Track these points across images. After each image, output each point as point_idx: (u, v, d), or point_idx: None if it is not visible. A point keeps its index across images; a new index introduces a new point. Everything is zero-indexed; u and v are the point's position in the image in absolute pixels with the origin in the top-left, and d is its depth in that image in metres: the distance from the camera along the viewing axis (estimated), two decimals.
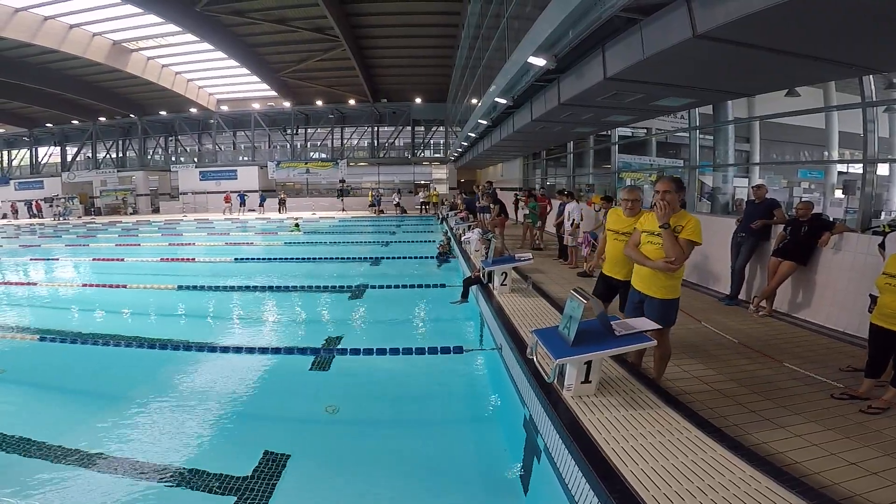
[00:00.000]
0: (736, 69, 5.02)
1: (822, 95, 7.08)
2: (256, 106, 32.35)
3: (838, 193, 8.10)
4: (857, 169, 6.16)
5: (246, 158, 34.37)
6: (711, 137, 8.84)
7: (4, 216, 32.49)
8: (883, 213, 6.47)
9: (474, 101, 13.93)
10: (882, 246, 4.21)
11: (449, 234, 13.97)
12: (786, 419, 3.21)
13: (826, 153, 7.91)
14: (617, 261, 4.20)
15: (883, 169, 6.24)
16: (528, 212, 11.72)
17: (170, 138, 35.15)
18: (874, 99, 5.42)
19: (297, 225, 19.78)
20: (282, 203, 29.35)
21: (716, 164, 8.66)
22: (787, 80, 5.80)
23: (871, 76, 5.32)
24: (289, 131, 33.51)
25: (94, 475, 3.50)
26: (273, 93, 30.22)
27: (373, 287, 9.01)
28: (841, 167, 8.61)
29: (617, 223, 4.25)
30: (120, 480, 3.44)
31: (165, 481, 3.41)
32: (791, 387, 3.73)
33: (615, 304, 4.35)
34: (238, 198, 28.91)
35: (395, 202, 28.94)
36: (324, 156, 34.07)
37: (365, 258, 12.76)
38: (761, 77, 5.23)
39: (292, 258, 12.92)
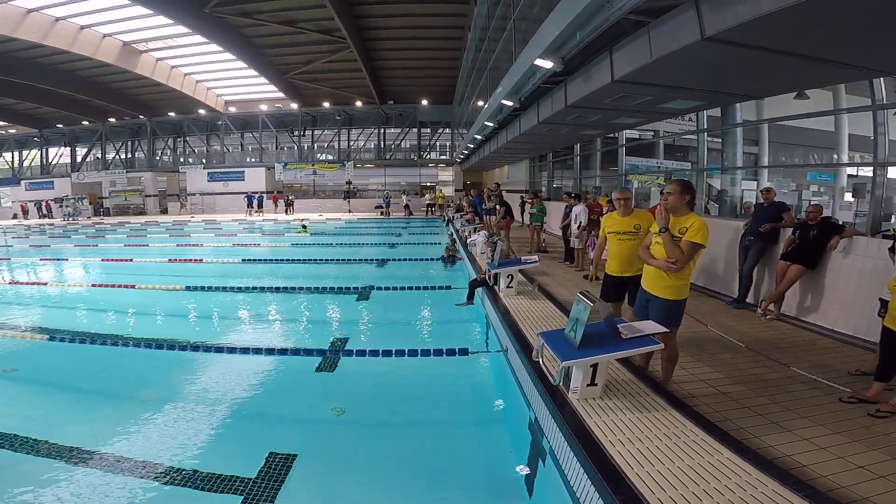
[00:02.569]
0: (744, 72, 5.00)
1: (832, 98, 7.03)
2: (264, 107, 32.62)
3: (848, 197, 8.03)
4: (867, 172, 6.11)
5: (253, 159, 34.61)
6: (720, 140, 8.80)
7: (15, 216, 32.87)
8: (893, 217, 6.41)
9: (480, 103, 13.94)
10: (892, 250, 4.17)
11: (454, 236, 13.97)
12: (793, 422, 3.19)
13: (836, 156, 7.85)
14: (622, 259, 4.33)
15: (893, 172, 6.17)
16: (534, 213, 11.68)
17: (178, 139, 35.46)
18: (885, 101, 5.37)
19: (304, 226, 19.85)
20: (289, 204, 29.50)
21: (724, 166, 8.62)
22: (796, 83, 5.77)
23: (881, 79, 5.28)
24: (296, 133, 33.73)
25: (101, 474, 3.52)
26: (280, 94, 30.42)
27: (379, 288, 9.03)
28: (851, 170, 8.54)
29: (616, 225, 4.43)
30: (126, 480, 3.46)
31: (172, 481, 3.43)
32: (798, 390, 3.70)
33: (625, 306, 4.35)
34: (246, 199, 29.17)
35: (403, 204, 29.04)
36: (330, 157, 34.23)
37: (371, 259, 12.79)
38: (770, 80, 5.21)
39: (299, 259, 12.95)
